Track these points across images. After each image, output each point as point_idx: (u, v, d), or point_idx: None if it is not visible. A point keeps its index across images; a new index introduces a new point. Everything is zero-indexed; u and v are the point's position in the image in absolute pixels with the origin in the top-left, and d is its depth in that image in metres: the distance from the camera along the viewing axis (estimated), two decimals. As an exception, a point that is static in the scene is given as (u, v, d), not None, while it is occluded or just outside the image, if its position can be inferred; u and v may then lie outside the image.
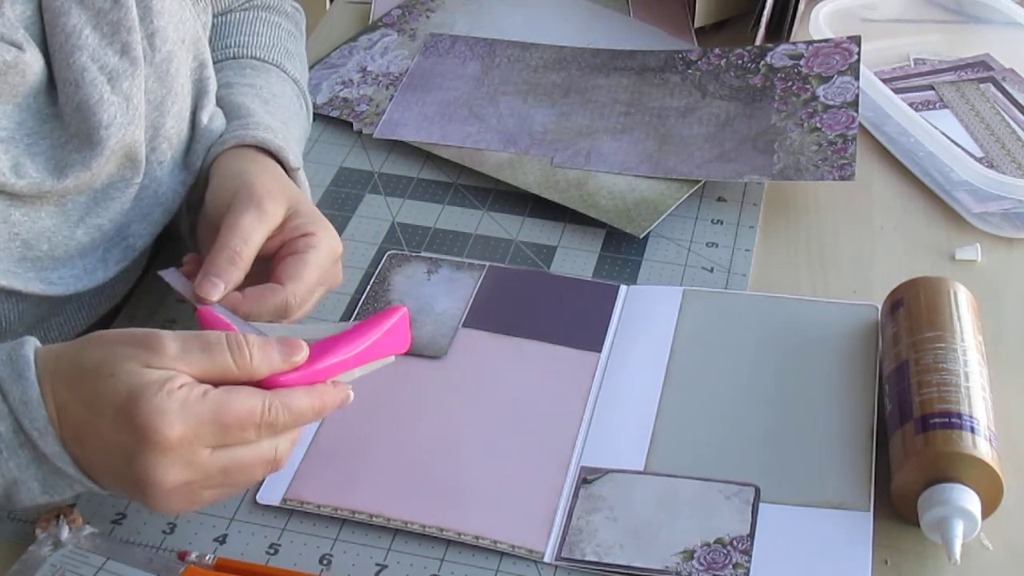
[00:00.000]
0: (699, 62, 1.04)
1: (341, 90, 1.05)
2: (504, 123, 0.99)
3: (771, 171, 0.92)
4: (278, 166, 0.80)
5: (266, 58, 0.90)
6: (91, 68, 0.72)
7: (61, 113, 0.73)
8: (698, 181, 0.92)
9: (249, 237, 0.72)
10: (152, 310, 0.85)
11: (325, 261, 0.74)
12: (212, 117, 0.82)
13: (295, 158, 0.82)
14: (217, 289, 0.70)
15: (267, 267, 0.74)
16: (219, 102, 0.84)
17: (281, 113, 0.86)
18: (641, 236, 0.89)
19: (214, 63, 0.86)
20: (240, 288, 0.71)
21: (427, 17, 1.14)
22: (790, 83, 0.99)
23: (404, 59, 1.08)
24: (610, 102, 1.01)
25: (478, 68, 1.06)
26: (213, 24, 0.90)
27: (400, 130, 1.00)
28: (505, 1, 1.16)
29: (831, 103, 0.96)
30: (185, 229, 0.82)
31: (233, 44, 0.90)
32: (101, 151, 0.73)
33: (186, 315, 0.84)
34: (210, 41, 0.88)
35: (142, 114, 0.76)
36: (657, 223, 0.89)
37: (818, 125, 0.95)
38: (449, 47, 1.09)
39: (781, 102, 0.98)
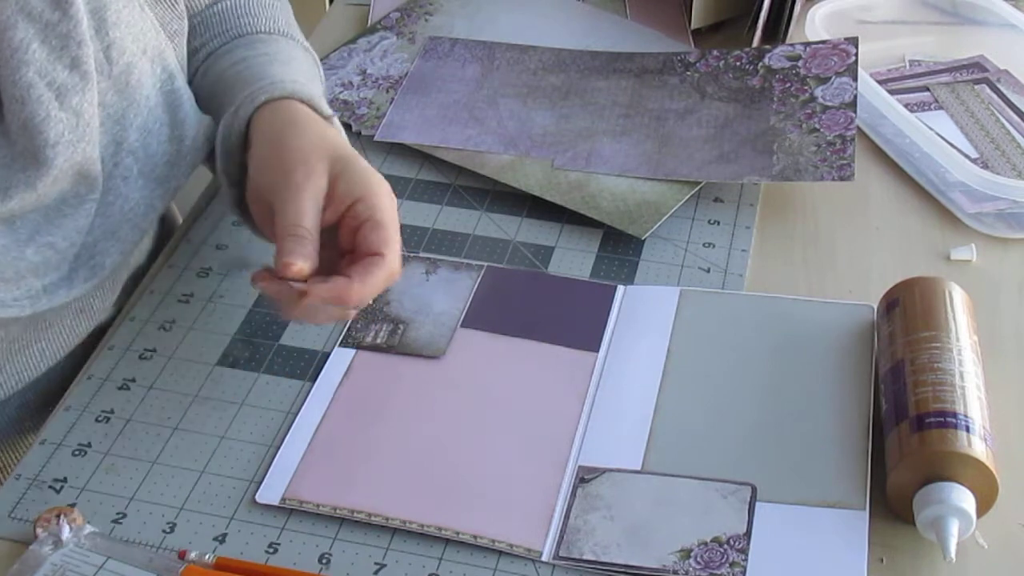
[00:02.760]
0: (698, 64, 1.04)
1: (341, 92, 1.05)
2: (504, 125, 1.00)
3: (770, 172, 0.92)
4: (311, 113, 0.77)
5: (272, 30, 0.88)
6: (38, 84, 0.69)
7: (8, 131, 0.70)
8: (698, 182, 0.93)
9: (300, 218, 0.70)
10: (151, 310, 0.85)
11: (397, 220, 0.72)
12: (198, 132, 0.80)
13: (326, 106, 0.79)
14: (294, 267, 0.69)
15: (333, 233, 0.72)
16: (237, 75, 0.81)
17: (303, 72, 0.84)
18: (643, 237, 0.89)
19: (217, 49, 0.85)
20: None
21: (426, 20, 1.14)
22: (788, 84, 1.00)
23: (404, 62, 1.09)
24: (610, 104, 1.02)
25: (478, 71, 1.07)
26: (203, 19, 0.88)
27: (401, 133, 1.00)
28: (503, 4, 1.16)
29: (829, 104, 0.97)
30: (231, 206, 0.80)
31: (234, 26, 0.88)
32: (48, 170, 0.70)
33: (186, 316, 0.85)
34: (207, 28, 0.86)
35: (95, 129, 0.72)
36: (659, 224, 0.90)
37: (817, 126, 0.95)
38: (448, 50, 1.09)
39: (780, 103, 0.98)
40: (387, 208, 0.72)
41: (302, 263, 0.69)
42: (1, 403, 0.82)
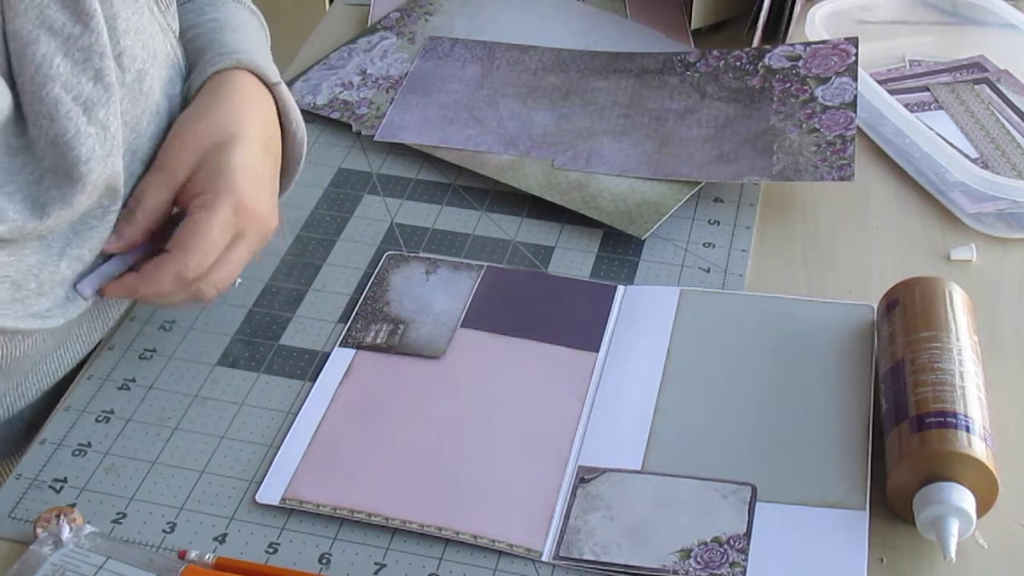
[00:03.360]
0: (698, 64, 1.04)
1: (341, 92, 1.05)
2: (504, 125, 1.00)
3: (770, 172, 0.92)
4: (247, 85, 0.78)
5: None
6: (65, 99, 0.68)
7: (32, 146, 0.69)
8: (698, 182, 0.93)
9: (141, 195, 0.73)
10: (152, 310, 0.85)
11: (223, 220, 0.73)
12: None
13: (273, 73, 0.80)
14: (111, 243, 0.73)
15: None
16: (188, 44, 0.81)
17: (251, 37, 0.84)
18: (643, 237, 0.89)
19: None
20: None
21: (426, 20, 1.14)
22: (788, 84, 1.00)
23: (404, 62, 1.09)
24: (610, 104, 1.02)
25: (478, 71, 1.07)
26: None
27: (401, 133, 1.00)
28: (502, 4, 1.16)
29: (829, 104, 0.97)
30: None
31: None
32: (82, 187, 0.69)
33: (186, 316, 0.85)
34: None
35: (120, 143, 0.72)
36: (659, 224, 0.90)
37: (817, 126, 0.95)
38: (448, 50, 1.09)
39: (780, 103, 0.98)
40: (213, 213, 0.73)
41: (116, 241, 0.73)
42: (20, 410, 0.82)
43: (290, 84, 1.05)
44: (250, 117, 0.77)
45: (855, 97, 0.96)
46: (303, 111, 1.01)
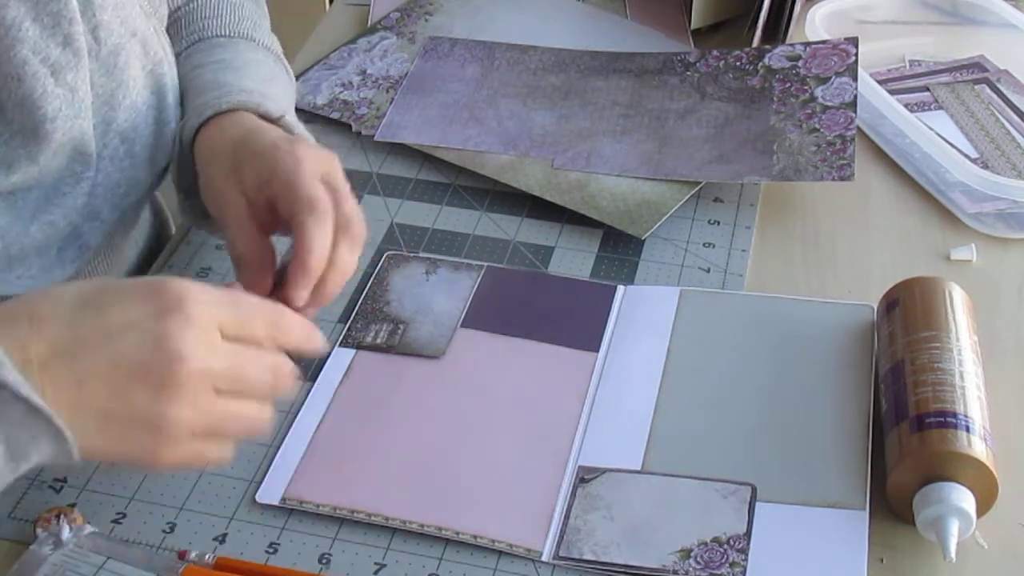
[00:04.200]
0: (698, 64, 1.04)
1: (341, 92, 1.05)
2: (504, 125, 1.00)
3: (770, 172, 0.92)
4: (254, 122, 0.77)
5: (231, 33, 0.89)
6: (32, 61, 0.70)
7: (3, 108, 0.71)
8: (699, 182, 0.93)
9: (243, 236, 0.72)
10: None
11: (322, 223, 0.70)
12: (183, 118, 0.81)
13: (276, 107, 0.79)
14: (264, 287, 0.71)
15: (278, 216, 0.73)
16: (191, 83, 0.82)
17: (255, 75, 0.84)
18: (643, 237, 0.89)
19: (184, 50, 0.85)
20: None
21: (426, 20, 1.14)
22: (788, 84, 1.00)
23: (404, 62, 1.09)
24: (609, 104, 1.02)
25: (477, 71, 1.07)
26: (174, 19, 0.89)
27: (401, 133, 1.00)
28: (502, 4, 1.16)
29: (829, 104, 0.97)
30: (185, 212, 0.82)
31: (197, 29, 0.89)
32: (48, 144, 0.72)
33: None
34: (177, 31, 0.87)
35: (88, 106, 0.74)
36: (659, 224, 0.89)
37: (817, 126, 0.95)
38: (448, 50, 1.09)
39: (780, 103, 0.98)
40: (292, 171, 0.71)
41: (267, 284, 0.71)
42: None
43: (290, 84, 1.06)
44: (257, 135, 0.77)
45: (855, 97, 0.96)
46: (303, 111, 1.02)
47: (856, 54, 1.00)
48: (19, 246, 0.74)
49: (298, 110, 1.01)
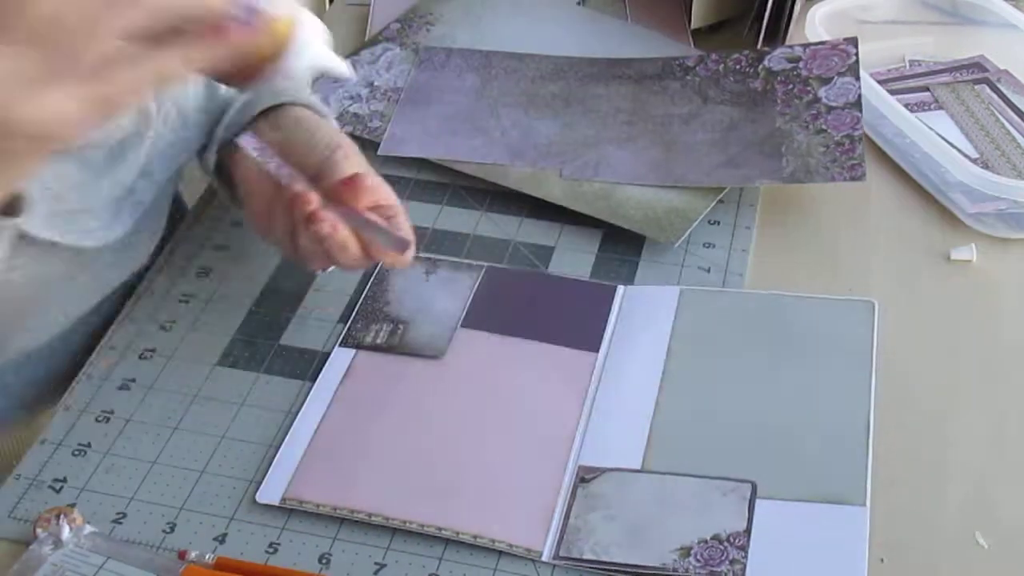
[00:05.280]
0: (697, 68, 1.04)
1: (350, 105, 1.04)
2: (508, 136, 0.99)
3: (781, 175, 0.92)
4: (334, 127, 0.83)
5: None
6: None
7: None
8: (722, 188, 0.92)
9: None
10: (152, 310, 0.85)
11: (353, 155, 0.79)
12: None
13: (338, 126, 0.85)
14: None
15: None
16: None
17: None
18: (676, 245, 0.89)
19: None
20: None
21: (427, 31, 1.13)
22: (791, 86, 1.00)
23: (410, 73, 1.08)
24: (612, 111, 1.01)
25: (476, 81, 1.06)
26: None
27: (404, 147, 0.99)
28: (502, 11, 1.16)
29: (834, 104, 0.97)
30: (209, 165, 0.84)
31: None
32: None
33: (186, 316, 0.85)
34: None
35: None
36: (690, 230, 0.89)
37: (824, 127, 0.95)
38: (445, 60, 1.09)
39: (784, 105, 0.98)
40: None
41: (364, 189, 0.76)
42: (34, 357, 0.85)
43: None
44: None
45: (859, 97, 0.96)
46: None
47: (856, 54, 0.99)
48: (93, 200, 0.75)
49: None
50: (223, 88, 0.83)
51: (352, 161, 0.78)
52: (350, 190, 0.75)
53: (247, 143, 0.76)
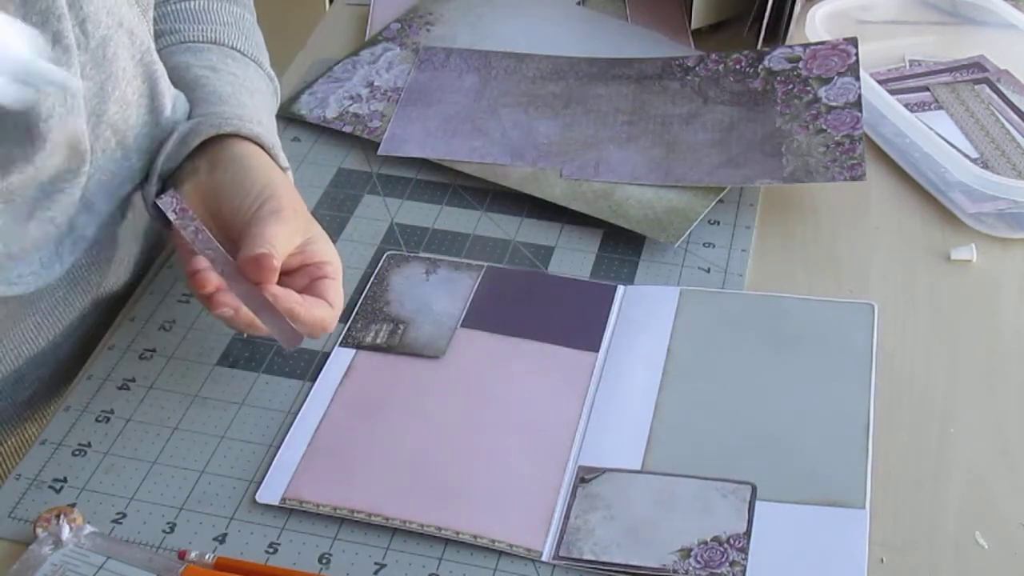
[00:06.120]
0: (697, 68, 1.04)
1: (350, 105, 1.04)
2: (508, 136, 0.99)
3: (781, 174, 0.92)
4: (275, 166, 0.80)
5: (244, 51, 0.89)
6: None
7: None
8: (722, 187, 0.92)
9: (280, 250, 0.74)
10: (151, 310, 0.85)
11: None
12: (174, 105, 0.81)
13: (284, 159, 0.82)
14: (273, 260, 0.73)
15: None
16: (203, 82, 0.83)
17: (264, 109, 0.86)
18: (676, 244, 0.89)
19: (184, 42, 0.86)
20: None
21: (427, 31, 1.13)
22: (791, 86, 1.00)
23: (410, 73, 1.08)
24: (612, 111, 1.01)
25: (476, 81, 1.06)
26: (176, 10, 0.89)
27: (404, 147, 0.99)
28: (503, 11, 1.16)
29: (834, 104, 0.97)
30: (149, 197, 0.81)
31: (210, 32, 0.88)
32: (43, 144, 0.71)
33: (186, 316, 0.85)
34: (174, 23, 0.87)
35: (81, 102, 0.73)
36: (691, 230, 0.89)
37: (824, 126, 0.95)
38: (444, 60, 1.09)
39: (784, 105, 0.98)
40: (340, 276, 0.78)
41: (269, 270, 0.73)
42: (16, 380, 0.84)
43: (296, 96, 1.05)
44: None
45: (859, 96, 0.96)
46: (312, 125, 1.02)
47: (856, 54, 0.99)
48: (19, 246, 0.74)
49: (307, 124, 1.02)
50: (167, 109, 0.80)
51: (282, 215, 0.75)
52: (254, 271, 0.72)
53: (166, 205, 0.75)
